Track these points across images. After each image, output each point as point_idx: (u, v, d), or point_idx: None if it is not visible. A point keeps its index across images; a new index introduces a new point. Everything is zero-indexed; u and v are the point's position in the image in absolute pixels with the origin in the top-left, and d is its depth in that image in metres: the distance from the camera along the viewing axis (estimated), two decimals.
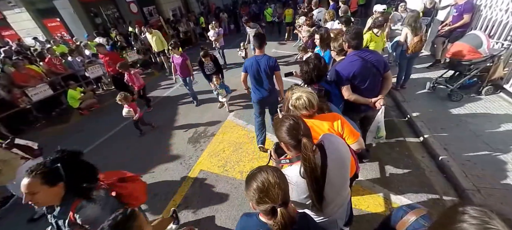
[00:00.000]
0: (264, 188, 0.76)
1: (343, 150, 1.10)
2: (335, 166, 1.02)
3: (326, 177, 0.99)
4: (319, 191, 0.99)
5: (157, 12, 11.73)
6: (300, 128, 0.97)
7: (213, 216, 2.30)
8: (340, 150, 1.07)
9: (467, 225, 0.49)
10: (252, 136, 3.42)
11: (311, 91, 1.32)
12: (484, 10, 3.63)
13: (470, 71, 3.04)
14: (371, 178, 2.40)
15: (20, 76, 4.80)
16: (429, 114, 3.10)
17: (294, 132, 0.97)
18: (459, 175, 2.18)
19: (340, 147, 1.09)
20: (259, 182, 0.78)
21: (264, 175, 0.79)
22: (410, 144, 2.77)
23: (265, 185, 0.76)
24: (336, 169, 1.03)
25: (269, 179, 0.77)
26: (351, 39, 1.83)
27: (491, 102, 3.12)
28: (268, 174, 0.79)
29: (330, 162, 1.00)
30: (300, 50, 3.54)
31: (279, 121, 1.03)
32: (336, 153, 1.04)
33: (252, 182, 0.80)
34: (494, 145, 2.45)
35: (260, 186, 0.77)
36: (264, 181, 0.77)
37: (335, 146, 1.06)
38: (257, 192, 0.77)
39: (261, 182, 0.77)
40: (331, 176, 1.01)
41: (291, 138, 0.97)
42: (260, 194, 0.76)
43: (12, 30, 9.27)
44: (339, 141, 1.13)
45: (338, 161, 1.04)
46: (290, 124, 0.98)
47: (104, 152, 3.73)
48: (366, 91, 1.91)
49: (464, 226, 0.49)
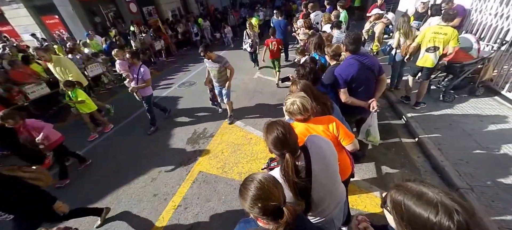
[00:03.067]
0: (263, 195, 0.73)
1: (326, 148, 1.13)
2: (320, 165, 1.07)
3: (312, 177, 1.04)
4: (301, 193, 1.04)
5: (156, 12, 11.71)
6: (287, 143, 1.01)
7: (212, 217, 2.31)
8: (323, 149, 1.11)
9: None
10: (250, 137, 3.45)
11: (303, 96, 1.35)
12: (475, 14, 3.75)
13: (462, 73, 3.14)
14: (368, 178, 2.45)
15: (17, 74, 4.75)
16: (423, 115, 3.18)
17: (280, 146, 1.02)
18: (453, 174, 2.25)
19: (323, 146, 1.13)
20: (256, 190, 0.74)
21: (256, 183, 0.75)
22: (406, 145, 2.83)
23: (264, 190, 0.74)
24: (321, 169, 1.07)
25: (265, 183, 0.75)
26: (349, 44, 1.88)
27: (482, 103, 3.22)
28: (261, 179, 0.77)
29: (315, 162, 1.05)
30: (298, 53, 3.59)
31: (269, 126, 1.07)
32: (319, 153, 1.09)
33: (248, 192, 0.75)
34: (485, 144, 2.54)
35: (259, 193, 0.73)
36: (260, 187, 0.74)
37: (317, 145, 1.11)
38: (257, 201, 0.73)
39: (258, 189, 0.74)
40: (317, 175, 1.05)
41: (276, 150, 1.04)
42: (261, 202, 0.73)
43: (9, 26, 9.15)
44: (323, 141, 1.16)
45: (322, 160, 1.09)
46: (278, 136, 1.01)
47: (100, 153, 3.71)
48: (362, 93, 1.97)
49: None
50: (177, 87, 5.97)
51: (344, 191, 1.31)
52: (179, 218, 2.36)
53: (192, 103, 4.94)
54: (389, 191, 0.68)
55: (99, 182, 3.03)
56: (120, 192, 2.81)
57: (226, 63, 3.27)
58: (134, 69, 3.52)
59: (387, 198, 0.68)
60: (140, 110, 4.90)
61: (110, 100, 5.88)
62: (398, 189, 0.65)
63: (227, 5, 15.40)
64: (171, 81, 6.49)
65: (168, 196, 2.65)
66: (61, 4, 8.44)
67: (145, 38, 8.33)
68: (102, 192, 2.84)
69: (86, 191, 2.92)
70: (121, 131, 4.30)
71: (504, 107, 3.08)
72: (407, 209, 0.60)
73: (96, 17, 9.53)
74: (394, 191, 0.66)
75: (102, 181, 3.04)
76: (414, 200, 0.59)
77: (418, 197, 0.59)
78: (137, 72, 3.47)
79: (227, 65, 3.31)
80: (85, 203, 2.72)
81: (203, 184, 2.73)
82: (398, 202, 0.63)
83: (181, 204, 2.51)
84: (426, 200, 0.57)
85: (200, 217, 2.34)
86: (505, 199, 1.98)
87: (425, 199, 0.57)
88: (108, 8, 10.01)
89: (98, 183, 3.03)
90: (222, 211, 2.36)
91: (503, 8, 3.24)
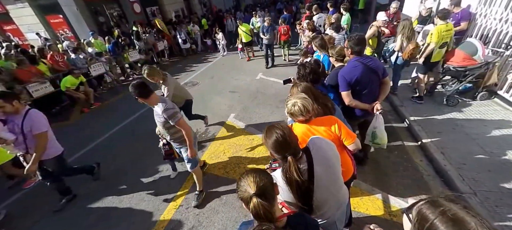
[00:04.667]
0: (243, 183, 0.85)
1: (329, 150, 1.13)
2: (322, 167, 1.07)
3: (314, 178, 1.04)
4: (304, 195, 1.04)
5: (160, 12, 11.81)
6: (287, 146, 1.01)
7: (213, 218, 2.31)
8: (324, 150, 1.11)
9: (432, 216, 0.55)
10: (252, 138, 3.45)
11: (305, 97, 1.35)
12: (479, 18, 3.74)
13: (466, 77, 3.12)
14: (370, 181, 2.44)
15: (22, 72, 4.81)
16: (426, 118, 3.17)
17: (280, 149, 1.02)
18: (456, 178, 2.23)
19: (324, 147, 1.13)
20: (241, 179, 0.88)
21: (244, 174, 0.89)
22: (408, 148, 2.82)
23: (243, 180, 0.86)
24: (323, 170, 1.07)
25: (248, 175, 0.86)
26: (354, 45, 1.88)
27: (486, 107, 3.20)
28: (249, 172, 0.89)
29: (317, 164, 1.05)
30: (301, 54, 3.60)
31: (268, 130, 1.07)
32: (321, 154, 1.09)
33: (238, 180, 0.89)
34: (489, 148, 2.52)
35: (242, 181, 0.86)
36: (243, 178, 0.87)
37: (318, 146, 1.11)
38: (239, 186, 0.86)
39: (242, 179, 0.88)
40: (319, 177, 1.05)
41: (277, 153, 1.04)
42: (241, 187, 0.85)
43: (14, 25, 9.27)
44: (324, 142, 1.16)
45: (324, 161, 1.09)
46: (277, 139, 1.00)
47: (103, 152, 3.72)
48: (366, 96, 1.97)
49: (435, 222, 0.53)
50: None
51: (346, 192, 1.31)
52: (181, 218, 2.36)
53: (194, 103, 4.90)
54: (419, 201, 0.61)
55: (101, 181, 3.04)
56: (122, 191, 2.82)
57: (175, 118, 1.99)
58: (13, 121, 2.09)
59: (413, 207, 0.61)
60: (143, 110, 4.93)
61: (112, 100, 5.94)
62: (433, 205, 0.56)
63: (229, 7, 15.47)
64: None
65: (169, 195, 2.65)
66: (65, 4, 8.54)
67: (148, 38, 8.40)
68: (104, 191, 2.85)
69: (88, 190, 2.94)
70: (121, 130, 4.32)
71: (508, 112, 3.05)
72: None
73: (100, 17, 9.63)
74: (426, 205, 0.58)
75: (104, 180, 3.06)
76: (447, 225, 0.51)
77: (454, 223, 0.50)
78: (21, 125, 2.07)
79: (177, 121, 2.00)
80: (87, 200, 2.74)
81: (204, 184, 2.73)
82: (426, 218, 0.55)
83: (183, 204, 2.52)
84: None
85: (202, 217, 2.34)
86: (510, 205, 1.96)
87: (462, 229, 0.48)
88: (112, 8, 10.12)
89: (99, 181, 3.04)
90: (223, 211, 2.36)
91: (507, 13, 3.23)
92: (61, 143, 2.52)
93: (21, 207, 2.81)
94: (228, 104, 4.61)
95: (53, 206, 2.66)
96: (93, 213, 2.57)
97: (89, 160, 3.51)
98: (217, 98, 5.01)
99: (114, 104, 5.67)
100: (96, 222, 2.46)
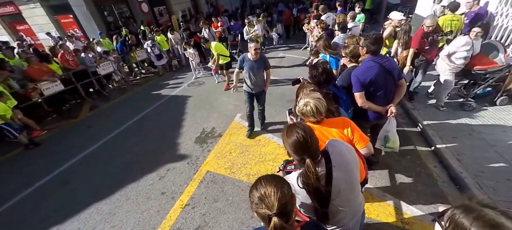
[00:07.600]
0: (261, 196, 0.76)
1: (348, 154, 1.08)
2: (341, 172, 1.02)
3: (332, 183, 0.99)
4: (320, 202, 0.99)
5: (167, 12, 11.94)
6: (307, 147, 0.96)
7: (219, 218, 2.29)
8: (344, 154, 1.06)
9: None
10: (259, 139, 3.41)
11: (319, 97, 1.30)
12: (500, 19, 3.57)
13: (485, 80, 2.98)
14: (381, 186, 2.36)
15: (34, 71, 4.94)
16: (440, 123, 3.04)
17: (300, 150, 0.97)
18: (473, 187, 2.12)
19: (344, 151, 1.07)
20: (259, 189, 0.78)
21: (262, 184, 0.78)
22: (421, 153, 2.72)
23: (262, 193, 0.76)
24: (342, 176, 1.02)
25: (267, 188, 0.76)
26: (371, 44, 1.80)
27: (506, 113, 3.04)
28: (268, 182, 0.78)
29: (336, 169, 1.00)
30: (312, 54, 3.54)
31: (289, 129, 1.02)
32: (340, 158, 1.03)
33: (253, 188, 0.80)
34: (509, 156, 2.39)
35: (260, 193, 0.77)
36: (262, 189, 0.77)
37: (338, 150, 1.05)
38: (255, 198, 0.77)
39: (260, 189, 0.77)
40: (337, 183, 1.00)
41: (296, 155, 0.99)
42: (258, 200, 0.76)
43: (26, 25, 9.55)
44: (344, 145, 1.11)
45: (343, 166, 1.03)
46: (298, 140, 0.96)
47: (110, 150, 3.77)
48: (380, 98, 1.89)
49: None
50: (186, 87, 6.02)
51: (363, 202, 1.25)
52: (186, 218, 2.35)
53: (200, 102, 4.96)
54: (453, 207, 0.57)
55: (108, 179, 3.07)
56: (129, 189, 2.84)
57: None
58: None
59: (446, 214, 0.58)
60: (150, 108, 4.97)
61: (120, 98, 6.03)
62: (469, 211, 0.53)
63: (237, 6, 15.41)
64: (180, 81, 6.56)
65: (175, 194, 2.65)
66: (76, 4, 8.74)
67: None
68: (111, 189, 2.87)
69: (94, 188, 2.97)
70: (129, 129, 4.36)
71: None
72: None
73: (108, 17, 9.81)
74: (461, 211, 0.54)
75: (111, 178, 3.09)
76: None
77: (491, 229, 0.48)
78: None
79: None
80: (93, 198, 2.77)
81: (211, 184, 2.71)
82: (462, 226, 0.52)
83: (189, 203, 2.50)
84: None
85: (208, 217, 2.32)
86: None
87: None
88: (120, 8, 10.28)
89: (106, 179, 3.08)
90: (229, 212, 2.33)
91: None
92: (69, 141, 2.53)
93: None
94: (234, 104, 4.59)
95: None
96: (98, 212, 2.59)
97: (97, 158, 3.58)
98: (223, 98, 5.01)
99: (121, 103, 5.75)
100: (101, 220, 2.48)
